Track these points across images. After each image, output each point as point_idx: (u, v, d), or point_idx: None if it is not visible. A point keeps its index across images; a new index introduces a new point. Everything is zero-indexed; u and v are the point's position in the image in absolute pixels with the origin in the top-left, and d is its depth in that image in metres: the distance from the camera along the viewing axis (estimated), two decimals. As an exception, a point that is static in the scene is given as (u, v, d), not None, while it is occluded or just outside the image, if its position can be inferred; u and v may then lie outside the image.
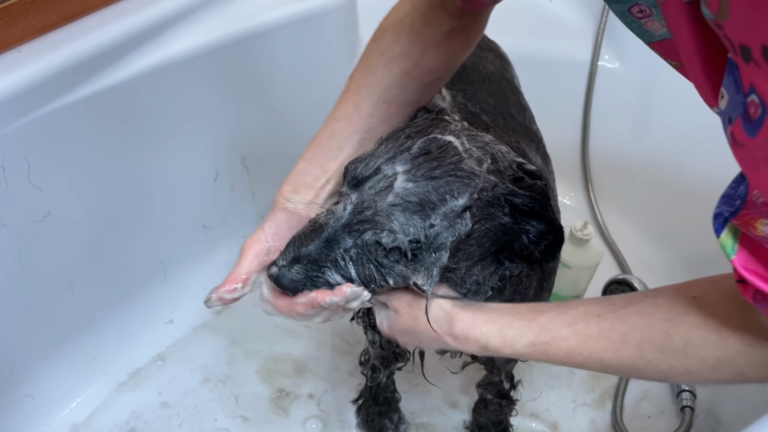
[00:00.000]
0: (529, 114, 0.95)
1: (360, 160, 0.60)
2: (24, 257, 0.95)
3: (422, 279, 0.59)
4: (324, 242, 0.59)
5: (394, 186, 0.57)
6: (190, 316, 1.20)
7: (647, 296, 0.54)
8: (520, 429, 1.10)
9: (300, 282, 0.60)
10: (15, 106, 0.89)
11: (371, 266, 0.59)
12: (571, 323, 0.55)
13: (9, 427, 0.99)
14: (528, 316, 0.57)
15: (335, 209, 0.60)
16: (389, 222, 0.57)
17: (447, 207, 0.58)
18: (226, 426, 1.07)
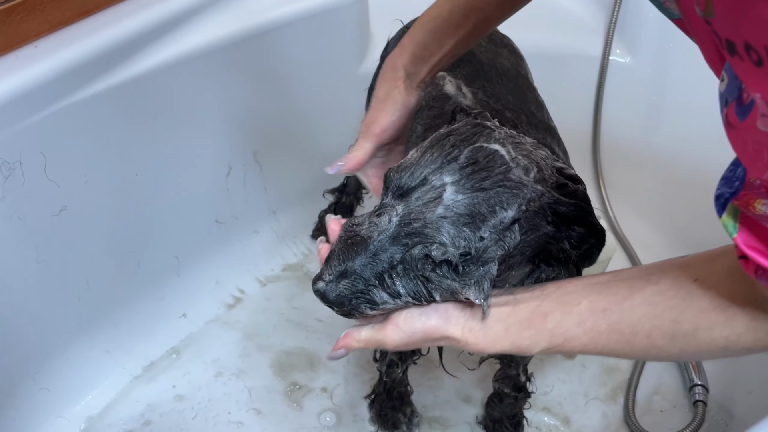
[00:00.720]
0: (546, 110, 0.95)
1: (403, 168, 0.59)
2: (41, 251, 0.96)
3: (474, 294, 0.58)
4: (370, 257, 0.57)
5: (443, 197, 0.56)
6: (203, 311, 1.21)
7: (648, 282, 0.55)
8: (533, 423, 1.10)
9: (346, 298, 0.58)
10: (31, 100, 0.90)
11: (418, 282, 0.58)
12: (579, 323, 0.56)
13: (26, 419, 1.00)
14: (534, 322, 0.58)
15: (379, 221, 0.58)
16: (439, 235, 0.56)
17: (497, 219, 0.56)
18: (239, 419, 1.07)
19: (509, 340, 0.58)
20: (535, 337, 0.57)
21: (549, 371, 1.17)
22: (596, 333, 0.55)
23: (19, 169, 0.89)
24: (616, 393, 1.15)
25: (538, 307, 0.58)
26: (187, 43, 1.07)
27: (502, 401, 1.05)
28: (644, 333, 0.54)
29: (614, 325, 0.55)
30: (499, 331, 0.58)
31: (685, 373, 1.15)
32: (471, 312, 0.59)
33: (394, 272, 0.57)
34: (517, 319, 0.58)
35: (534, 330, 0.57)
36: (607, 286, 0.57)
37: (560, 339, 0.57)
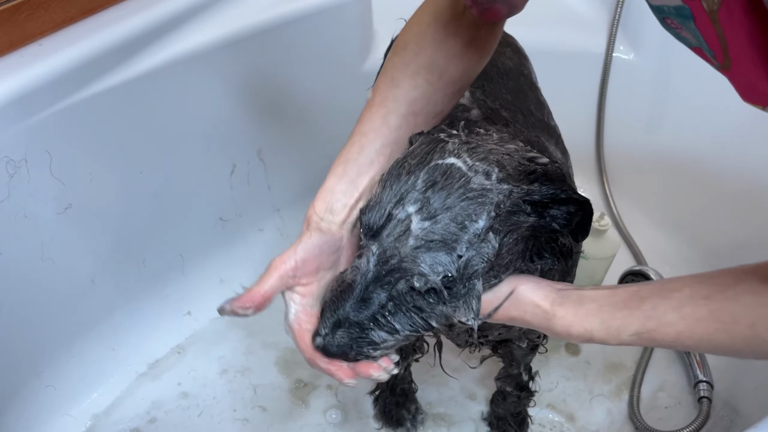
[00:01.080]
0: (547, 110, 0.95)
1: (370, 208, 0.59)
2: (46, 249, 0.96)
3: (463, 314, 0.59)
4: (358, 301, 0.58)
5: (411, 228, 0.56)
6: (207, 308, 1.21)
7: (756, 273, 0.53)
8: (537, 420, 1.10)
9: (347, 346, 0.58)
10: (36, 99, 0.90)
11: (412, 314, 0.59)
12: (677, 307, 0.54)
13: (32, 416, 1.00)
14: (629, 304, 0.56)
15: (359, 264, 0.58)
16: (416, 266, 0.56)
17: (469, 233, 0.56)
18: (245, 416, 1.07)
19: (599, 318, 0.56)
20: (627, 318, 0.56)
21: (553, 368, 1.17)
22: (694, 320, 0.53)
23: (25, 167, 0.89)
24: (621, 390, 1.15)
25: (636, 291, 0.57)
26: (190, 41, 1.07)
27: (505, 399, 1.05)
28: (747, 323, 0.51)
29: (715, 312, 0.53)
30: (591, 309, 0.57)
31: (689, 369, 1.15)
32: (565, 291, 0.59)
33: (386, 311, 0.58)
34: (613, 300, 0.57)
35: (627, 311, 0.56)
36: (713, 277, 0.55)
37: (654, 323, 0.54)
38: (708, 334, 0.53)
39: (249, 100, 1.20)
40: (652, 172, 1.40)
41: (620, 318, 0.56)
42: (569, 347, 1.21)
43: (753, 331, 0.51)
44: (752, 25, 0.41)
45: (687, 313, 0.53)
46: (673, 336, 0.54)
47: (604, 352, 1.20)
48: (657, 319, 0.55)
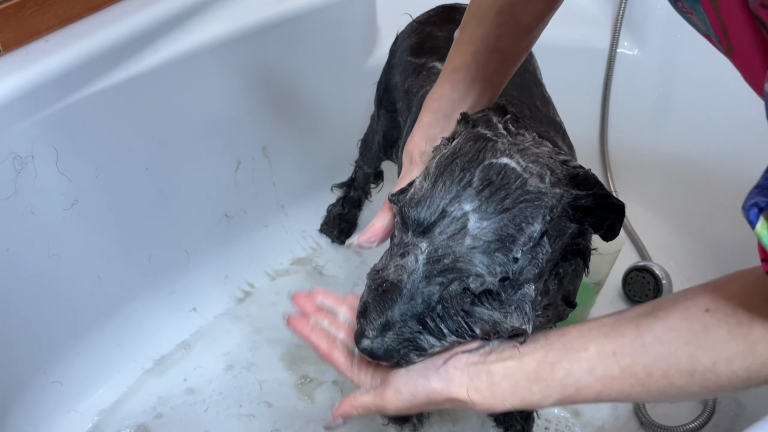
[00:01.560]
0: (552, 106, 0.95)
1: (418, 202, 0.56)
2: (53, 245, 0.96)
3: (517, 319, 0.56)
4: (408, 302, 0.55)
5: (468, 227, 0.54)
6: (213, 305, 1.21)
7: (656, 318, 0.52)
8: (543, 415, 1.10)
9: (395, 350, 0.56)
10: (43, 94, 0.90)
11: (459, 318, 0.56)
12: (589, 370, 0.53)
13: (39, 412, 1.00)
14: (542, 375, 0.55)
15: (405, 263, 0.56)
16: (473, 266, 0.54)
17: (526, 236, 0.55)
18: (251, 412, 1.08)
19: (519, 396, 0.55)
20: (545, 391, 0.54)
21: (558, 364, 1.17)
22: (609, 379, 0.52)
23: (31, 163, 0.89)
24: (626, 385, 1.15)
25: (544, 357, 0.55)
26: (195, 38, 1.07)
27: None
28: (660, 373, 0.51)
29: (627, 368, 0.52)
30: (506, 388, 0.55)
31: (695, 364, 1.15)
32: (474, 370, 0.56)
33: (435, 314, 0.55)
34: (524, 373, 0.55)
35: (543, 383, 0.54)
36: (613, 327, 0.54)
37: (572, 389, 0.54)
38: (624, 390, 0.53)
39: (253, 97, 1.20)
40: (656, 167, 1.40)
41: (537, 392, 0.55)
42: (574, 343, 1.21)
43: (667, 381, 0.51)
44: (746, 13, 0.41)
45: (600, 375, 0.53)
46: (593, 397, 0.54)
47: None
48: (573, 385, 0.54)
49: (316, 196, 1.35)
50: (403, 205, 0.58)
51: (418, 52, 0.98)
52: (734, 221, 1.30)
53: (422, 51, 0.98)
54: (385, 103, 1.09)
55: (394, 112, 1.05)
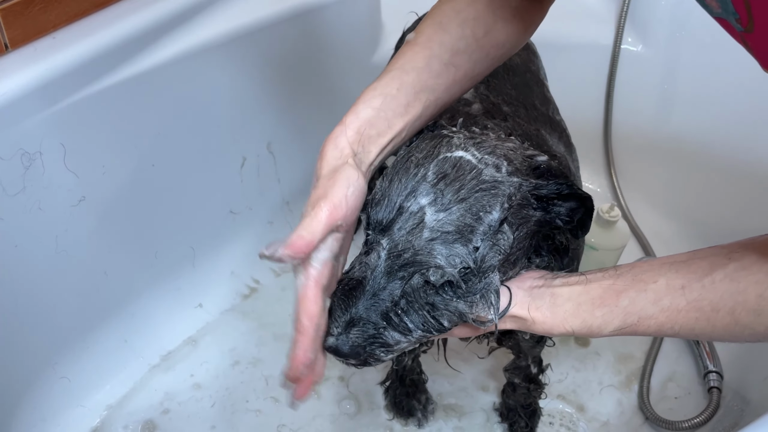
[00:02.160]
0: (553, 106, 0.96)
1: (377, 202, 0.57)
2: (60, 241, 0.97)
3: (483, 309, 0.57)
4: (370, 298, 0.55)
5: (425, 221, 0.54)
6: (218, 301, 1.22)
7: (731, 259, 0.53)
8: (547, 410, 1.11)
9: (360, 347, 0.56)
10: (50, 91, 0.90)
11: (424, 312, 0.56)
12: (655, 300, 0.54)
13: (47, 407, 1.01)
14: (607, 300, 0.55)
15: (368, 260, 0.56)
16: (433, 258, 0.54)
17: (485, 225, 0.55)
18: (258, 407, 1.08)
19: (580, 319, 0.56)
20: (607, 316, 0.55)
21: (563, 359, 1.18)
22: (674, 311, 0.53)
23: (39, 159, 0.90)
24: (631, 381, 1.15)
25: (611, 285, 0.56)
26: (201, 35, 1.07)
27: (515, 391, 1.06)
28: (727, 310, 0.52)
29: (694, 302, 0.53)
30: (568, 310, 0.56)
31: (699, 360, 1.16)
32: (537, 292, 0.58)
33: (399, 308, 0.56)
34: (588, 298, 0.56)
35: (607, 308, 0.55)
36: (687, 264, 0.55)
37: (634, 318, 0.55)
38: (688, 323, 0.54)
39: (258, 93, 1.20)
40: (660, 163, 1.41)
41: (600, 316, 0.56)
42: (579, 339, 1.21)
43: (733, 318, 0.52)
44: None
45: (666, 306, 0.54)
46: (655, 328, 0.55)
47: (614, 343, 1.20)
48: (637, 314, 0.55)
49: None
50: (366, 207, 0.58)
51: None
52: (739, 215, 1.30)
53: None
54: None
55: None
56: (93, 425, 1.04)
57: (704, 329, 0.54)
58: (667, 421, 1.06)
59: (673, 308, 0.54)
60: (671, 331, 0.55)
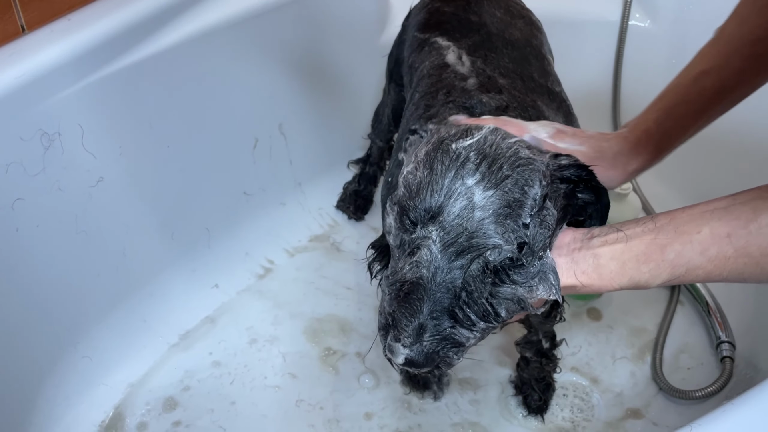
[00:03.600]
0: (554, 78, 0.95)
1: (416, 192, 0.54)
2: (80, 222, 0.98)
3: (544, 291, 0.55)
4: (433, 300, 0.53)
5: (474, 201, 0.52)
6: (234, 281, 1.23)
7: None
8: (561, 383, 1.12)
9: (436, 354, 0.53)
10: (67, 72, 0.91)
11: (483, 301, 0.54)
12: (702, 251, 0.54)
13: (71, 385, 1.02)
14: (652, 256, 0.56)
15: (420, 257, 0.53)
16: (489, 238, 0.52)
17: (530, 199, 0.54)
18: (276, 383, 1.10)
19: (627, 276, 0.57)
20: (654, 270, 0.56)
21: (576, 333, 1.19)
22: (722, 260, 0.54)
23: (58, 140, 0.91)
24: (644, 352, 1.16)
25: (653, 240, 0.56)
26: (213, 16, 1.08)
27: (528, 365, 1.07)
28: None
29: (741, 249, 0.53)
30: (614, 269, 0.57)
31: (711, 331, 1.17)
32: (579, 255, 0.58)
33: (462, 302, 0.53)
34: (632, 255, 0.56)
35: (653, 263, 0.56)
36: (728, 211, 0.55)
37: (682, 270, 0.55)
38: (737, 268, 0.54)
39: (269, 74, 1.21)
40: (669, 138, 1.41)
41: (647, 272, 0.56)
42: (591, 313, 1.22)
43: None
44: None
45: (713, 255, 0.54)
46: (703, 277, 0.56)
47: (626, 316, 1.21)
48: (684, 265, 0.55)
49: (332, 174, 1.37)
50: (401, 201, 0.55)
51: (425, 28, 0.99)
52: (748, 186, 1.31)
53: (428, 26, 0.98)
54: (395, 76, 1.10)
55: (402, 86, 1.06)
56: (115, 403, 1.06)
57: (753, 273, 0.54)
58: (680, 390, 1.07)
59: (721, 257, 0.54)
60: (719, 278, 0.55)
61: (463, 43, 0.91)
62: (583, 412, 1.08)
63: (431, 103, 0.84)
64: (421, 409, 1.08)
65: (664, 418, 1.07)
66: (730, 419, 0.58)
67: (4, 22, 0.88)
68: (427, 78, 0.89)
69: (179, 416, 1.06)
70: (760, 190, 0.55)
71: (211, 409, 1.06)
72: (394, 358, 0.55)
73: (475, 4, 0.99)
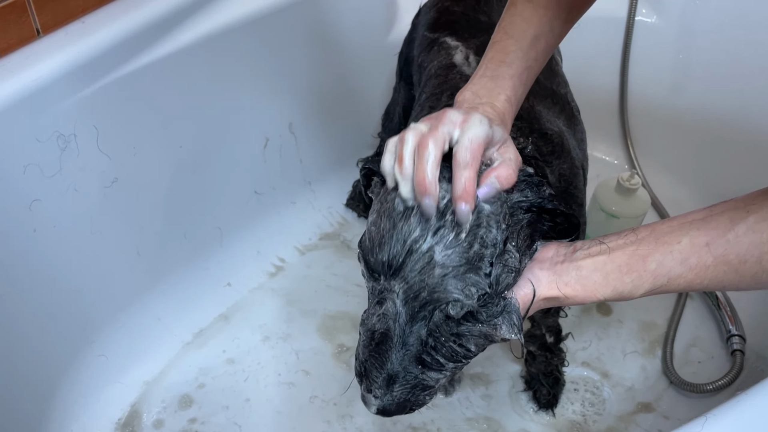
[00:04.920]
0: (560, 79, 0.95)
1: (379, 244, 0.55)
2: (95, 222, 0.99)
3: (506, 331, 0.57)
4: (401, 348, 0.55)
5: (435, 259, 0.53)
6: (246, 279, 1.24)
7: (749, 212, 0.55)
8: (571, 377, 1.12)
9: (407, 401, 0.56)
10: (83, 74, 0.92)
11: (450, 344, 0.56)
12: (682, 261, 0.55)
13: (87, 384, 1.04)
14: (634, 266, 0.57)
15: (385, 310, 0.55)
16: (449, 294, 0.54)
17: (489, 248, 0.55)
18: (290, 380, 1.11)
19: (610, 287, 0.57)
20: (637, 281, 0.57)
21: (586, 328, 1.19)
22: (702, 268, 0.55)
23: (74, 141, 0.92)
24: (654, 347, 1.17)
25: (635, 251, 0.57)
26: (224, 17, 1.09)
27: (535, 359, 1.07)
28: (754, 260, 0.54)
29: (720, 257, 0.54)
30: (597, 280, 0.57)
31: (721, 324, 1.17)
32: (561, 268, 0.59)
33: (429, 348, 0.56)
34: (615, 266, 0.57)
35: (635, 274, 0.57)
36: (706, 221, 0.56)
37: (664, 279, 0.56)
38: (717, 277, 0.55)
39: (279, 74, 1.22)
40: (676, 133, 1.41)
41: (629, 282, 0.57)
42: (601, 307, 1.23)
43: (760, 266, 0.54)
44: None
45: (693, 264, 0.55)
46: (684, 285, 0.57)
47: (637, 311, 1.22)
48: (666, 275, 0.56)
49: (342, 173, 1.38)
50: (364, 253, 0.56)
51: (434, 27, 0.99)
52: (756, 183, 1.31)
53: (437, 26, 0.99)
54: (404, 75, 1.11)
55: (412, 84, 1.07)
56: (132, 401, 1.07)
57: (732, 280, 0.56)
58: (691, 384, 1.07)
59: (701, 265, 0.55)
60: (700, 286, 0.57)
61: (471, 43, 0.92)
62: (594, 406, 1.09)
63: (435, 105, 0.85)
64: (434, 405, 1.09)
65: (675, 412, 1.08)
66: (744, 410, 0.58)
67: (19, 26, 0.89)
68: (434, 78, 0.90)
69: (195, 413, 1.07)
70: (735, 202, 0.57)
71: (226, 405, 1.08)
72: (367, 408, 0.57)
73: (485, 4, 1.00)
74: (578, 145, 0.88)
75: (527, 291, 0.59)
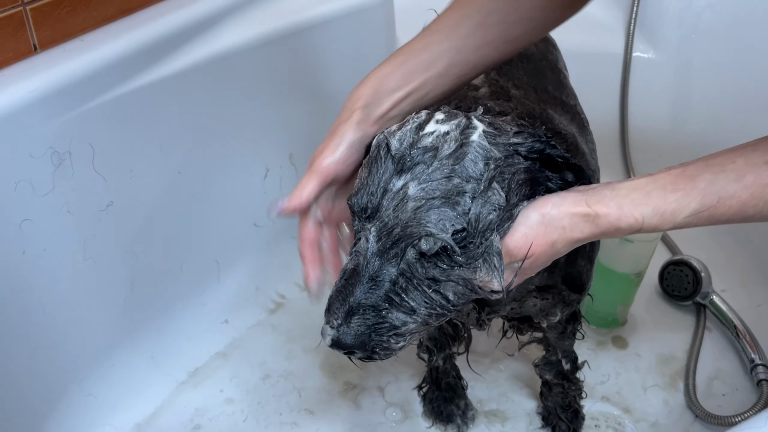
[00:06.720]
0: (569, 91, 0.95)
1: (357, 191, 0.56)
2: (88, 247, 0.94)
3: (486, 273, 0.54)
4: (368, 282, 0.53)
5: (409, 194, 0.53)
6: (245, 316, 1.18)
7: None
8: (592, 413, 1.07)
9: (365, 335, 0.53)
10: (80, 91, 0.89)
11: (424, 288, 0.54)
12: (737, 178, 0.51)
13: (74, 426, 0.96)
14: (680, 185, 0.52)
15: (359, 247, 0.55)
16: (421, 227, 0.52)
17: (472, 184, 0.53)
18: (293, 420, 1.03)
19: (650, 206, 0.52)
20: (682, 200, 0.51)
21: (602, 361, 1.14)
22: (759, 187, 0.50)
23: (69, 159, 0.88)
24: (675, 380, 1.12)
25: (682, 172, 0.53)
26: (223, 43, 1.08)
27: (551, 390, 1.02)
28: None
29: None
30: (636, 199, 0.52)
31: (743, 354, 1.13)
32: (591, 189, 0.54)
33: (398, 288, 0.54)
34: (658, 185, 0.53)
35: (681, 192, 0.52)
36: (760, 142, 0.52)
37: (713, 198, 0.51)
38: None
39: (279, 103, 1.20)
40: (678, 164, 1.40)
41: (674, 201, 0.52)
42: (616, 341, 1.18)
43: None
44: None
45: (749, 182, 0.51)
46: (736, 208, 0.51)
47: (653, 343, 1.17)
48: (716, 193, 0.51)
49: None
50: (351, 205, 0.56)
51: None
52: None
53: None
54: None
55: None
56: (121, 445, 0.99)
57: None
58: (718, 416, 1.02)
59: (759, 183, 0.51)
60: (754, 210, 0.51)
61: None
62: (619, 442, 1.03)
63: None
64: (449, 444, 1.02)
65: (705, 446, 1.02)
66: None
67: (16, 41, 0.86)
68: None
69: (190, 457, 0.99)
70: None
71: (224, 448, 1.00)
72: (323, 340, 0.55)
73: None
74: (591, 154, 0.87)
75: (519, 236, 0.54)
